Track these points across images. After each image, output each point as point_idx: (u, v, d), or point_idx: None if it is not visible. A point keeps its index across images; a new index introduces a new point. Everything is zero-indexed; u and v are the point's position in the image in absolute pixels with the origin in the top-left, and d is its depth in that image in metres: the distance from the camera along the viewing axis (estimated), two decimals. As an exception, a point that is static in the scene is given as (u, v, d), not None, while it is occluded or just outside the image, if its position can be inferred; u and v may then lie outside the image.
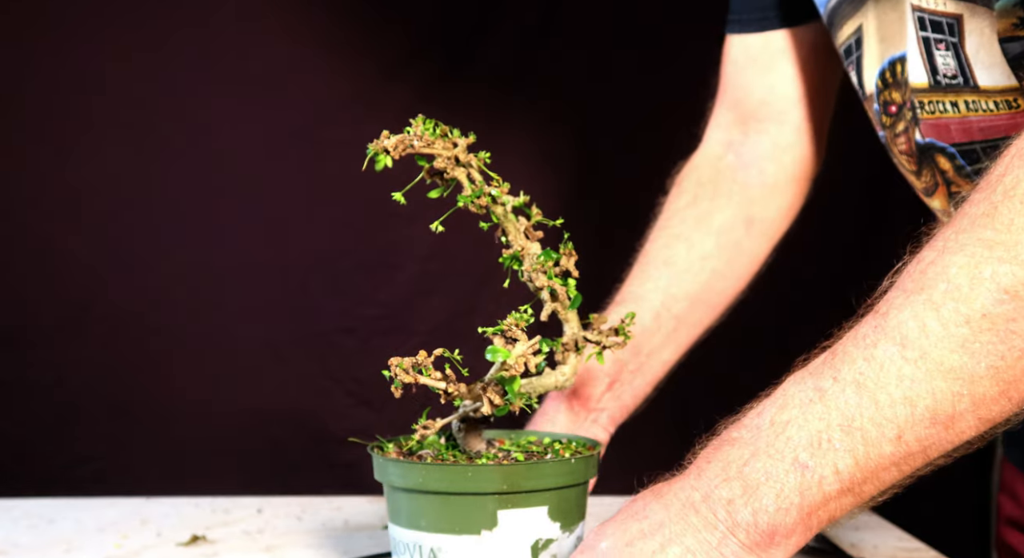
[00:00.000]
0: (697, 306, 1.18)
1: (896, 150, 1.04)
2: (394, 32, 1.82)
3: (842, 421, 0.73)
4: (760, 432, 0.76)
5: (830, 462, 0.73)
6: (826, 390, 0.74)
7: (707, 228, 1.18)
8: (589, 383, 1.13)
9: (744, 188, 1.20)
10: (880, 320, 0.74)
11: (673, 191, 1.22)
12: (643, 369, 1.15)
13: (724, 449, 0.77)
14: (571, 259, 0.92)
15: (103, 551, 1.17)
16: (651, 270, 1.17)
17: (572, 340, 0.92)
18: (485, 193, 0.89)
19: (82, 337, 1.81)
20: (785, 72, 1.18)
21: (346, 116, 1.80)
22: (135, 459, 1.83)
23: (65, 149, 1.79)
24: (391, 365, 0.86)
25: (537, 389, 0.91)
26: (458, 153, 0.89)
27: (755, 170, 1.21)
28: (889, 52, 0.99)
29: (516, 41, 1.85)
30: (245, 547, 1.18)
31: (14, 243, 1.80)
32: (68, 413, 1.82)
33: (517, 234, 0.91)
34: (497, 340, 0.86)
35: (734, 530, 0.75)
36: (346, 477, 1.80)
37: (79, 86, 1.78)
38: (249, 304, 1.85)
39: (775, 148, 1.20)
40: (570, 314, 0.92)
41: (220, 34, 1.80)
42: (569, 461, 0.88)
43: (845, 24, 1.03)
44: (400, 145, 0.87)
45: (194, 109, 1.81)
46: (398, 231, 1.84)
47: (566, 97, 1.87)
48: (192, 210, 1.83)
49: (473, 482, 0.85)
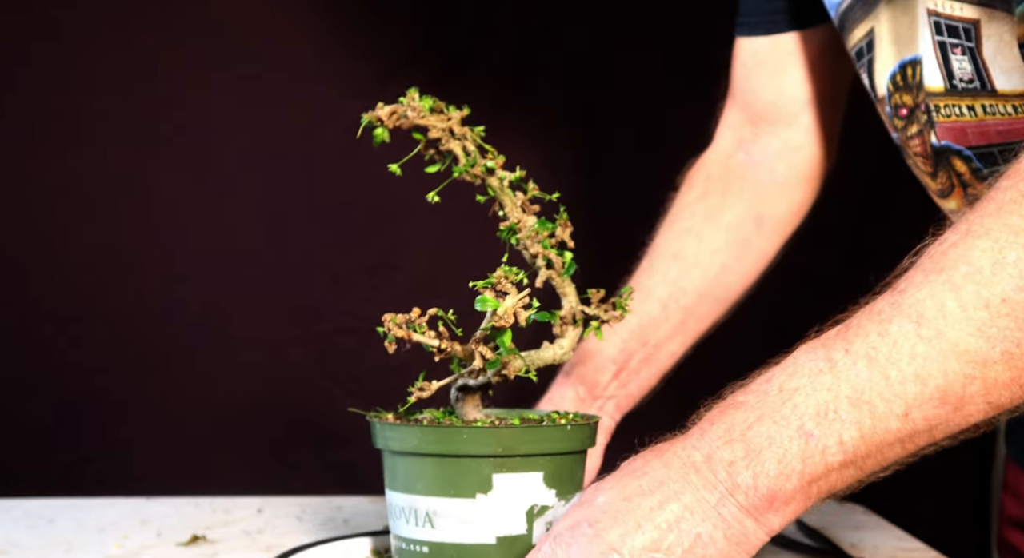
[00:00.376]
0: (705, 300, 1.18)
1: (910, 152, 1.03)
2: (393, 33, 1.82)
3: (851, 393, 0.73)
4: (767, 397, 0.76)
5: (835, 433, 0.74)
6: (837, 361, 0.74)
7: (717, 223, 1.19)
8: (596, 370, 1.13)
9: (755, 186, 1.21)
10: (898, 297, 0.74)
11: (683, 186, 1.22)
12: (650, 360, 1.16)
13: (729, 412, 0.77)
14: (566, 230, 0.92)
15: (103, 551, 1.17)
16: (660, 263, 1.18)
17: (570, 313, 0.92)
18: (480, 163, 0.90)
19: (82, 337, 1.81)
20: (794, 75, 1.18)
21: (346, 116, 1.79)
22: (135, 459, 1.83)
23: (65, 149, 1.79)
24: (384, 320, 0.87)
25: (535, 362, 0.91)
26: (452, 125, 0.89)
27: (766, 169, 1.21)
28: (901, 55, 0.99)
29: (516, 41, 1.85)
30: (245, 547, 1.18)
31: (14, 243, 1.80)
32: (68, 413, 1.82)
33: (513, 207, 0.91)
34: (487, 293, 0.86)
35: (733, 491, 0.75)
36: (346, 477, 1.80)
37: (79, 86, 1.78)
38: (249, 304, 1.85)
39: (786, 148, 1.21)
40: (568, 287, 0.92)
41: (220, 34, 1.80)
42: (564, 427, 0.88)
43: (857, 27, 1.03)
44: (394, 115, 0.87)
45: (194, 109, 1.81)
46: (398, 231, 1.84)
47: (567, 98, 1.87)
48: (192, 210, 1.83)
49: (468, 444, 0.85)
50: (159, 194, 1.82)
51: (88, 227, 1.81)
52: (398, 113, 0.88)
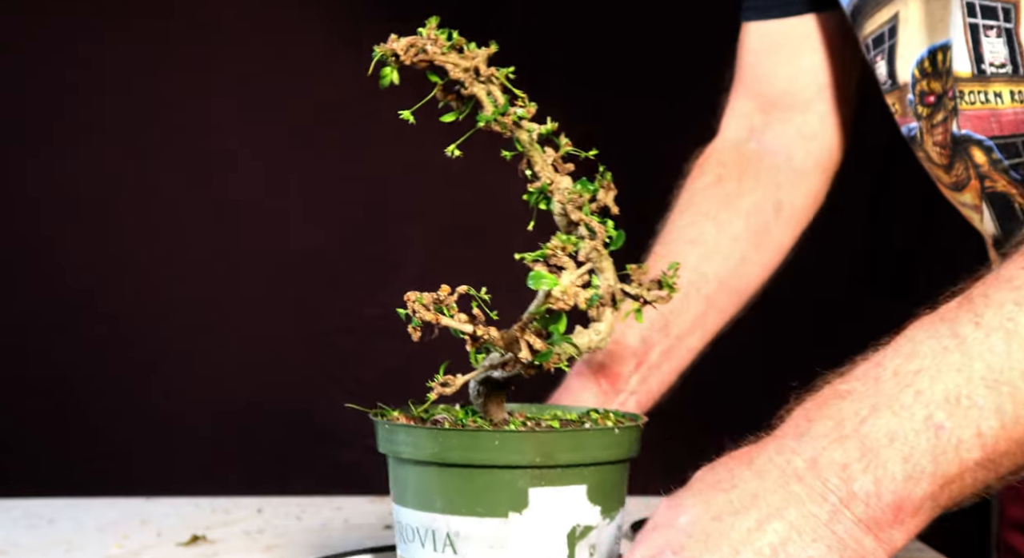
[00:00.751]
0: (725, 290, 1.09)
1: (930, 141, 0.99)
2: (394, 32, 1.82)
3: (987, 374, 0.61)
4: (880, 384, 0.63)
5: (972, 422, 0.61)
6: (966, 337, 0.62)
7: (736, 209, 1.10)
8: (617, 361, 1.02)
9: (771, 172, 1.13)
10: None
11: (693, 173, 1.14)
12: (671, 353, 1.05)
13: (832, 403, 0.64)
14: (609, 193, 0.78)
15: (103, 551, 1.17)
16: (677, 248, 1.07)
17: (608, 293, 0.77)
18: (511, 112, 0.76)
19: (82, 337, 1.81)
20: (810, 59, 1.12)
21: (346, 116, 1.80)
22: (135, 459, 1.83)
23: (65, 149, 1.79)
24: (408, 300, 0.74)
25: (568, 350, 0.77)
26: (478, 64, 0.76)
27: (782, 156, 1.14)
28: (932, 40, 0.95)
29: (517, 42, 1.85)
30: (245, 547, 1.18)
31: (14, 243, 1.80)
32: (68, 413, 1.82)
33: (545, 165, 0.78)
34: (539, 267, 0.71)
35: (849, 502, 0.62)
36: (346, 477, 1.79)
37: (79, 86, 1.78)
38: (249, 304, 1.85)
39: (800, 137, 1.15)
40: (605, 262, 0.77)
41: (220, 34, 1.80)
42: (612, 431, 0.75)
43: (878, 12, 0.98)
44: (412, 48, 0.76)
45: (194, 109, 1.81)
46: (398, 231, 1.84)
47: (567, 99, 1.87)
48: (192, 210, 1.83)
49: (501, 452, 0.71)
50: (159, 194, 1.82)
51: (88, 227, 1.81)
52: (417, 46, 0.76)
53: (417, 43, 0.76)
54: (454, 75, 0.75)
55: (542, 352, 0.73)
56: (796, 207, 1.14)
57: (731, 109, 1.18)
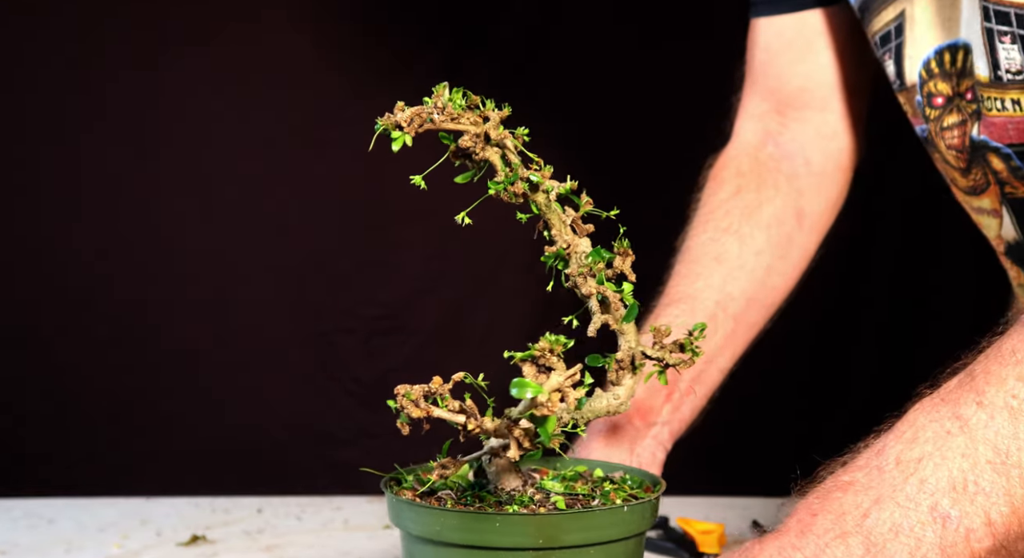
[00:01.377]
0: (753, 305, 1.06)
1: (942, 145, 0.95)
2: (395, 32, 1.82)
3: (993, 457, 0.59)
4: (883, 474, 0.61)
5: (980, 510, 0.58)
6: (968, 419, 0.60)
7: (757, 221, 1.07)
8: (649, 393, 0.99)
9: (790, 178, 1.10)
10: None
11: (710, 185, 1.10)
12: (702, 378, 1.02)
13: (835, 497, 0.62)
14: (627, 260, 0.75)
15: (103, 551, 1.17)
16: (700, 267, 1.04)
17: (628, 356, 0.76)
18: (522, 178, 0.73)
19: (82, 337, 1.81)
20: (824, 55, 1.08)
21: (346, 116, 1.79)
22: (135, 459, 1.83)
23: (65, 149, 1.79)
24: (397, 395, 0.70)
25: (586, 415, 0.76)
26: (488, 128, 0.73)
27: (800, 159, 1.11)
28: (939, 39, 0.92)
29: (517, 42, 1.85)
30: (245, 547, 1.18)
31: (15, 243, 1.80)
32: (68, 413, 1.82)
33: (563, 227, 0.75)
34: (527, 368, 0.67)
35: None
36: (346, 477, 1.79)
37: (79, 86, 1.78)
38: (249, 304, 1.84)
39: (819, 137, 1.11)
40: (626, 326, 0.76)
41: (220, 34, 1.80)
42: (621, 510, 0.71)
43: (884, 9, 0.96)
44: (416, 119, 0.72)
45: (194, 109, 1.81)
46: (398, 231, 1.84)
47: (567, 99, 1.87)
48: (192, 210, 1.82)
49: (502, 534, 0.69)
50: (159, 194, 1.82)
51: (88, 227, 1.81)
52: (422, 117, 0.72)
53: (422, 114, 0.72)
54: (463, 143, 0.73)
55: (531, 452, 0.71)
56: (817, 212, 1.11)
57: (744, 110, 1.14)
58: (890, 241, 1.90)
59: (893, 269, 1.91)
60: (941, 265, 1.89)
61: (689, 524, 1.17)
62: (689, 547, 1.14)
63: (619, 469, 0.83)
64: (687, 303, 1.01)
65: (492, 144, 0.73)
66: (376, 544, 1.18)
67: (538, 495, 0.75)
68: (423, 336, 1.84)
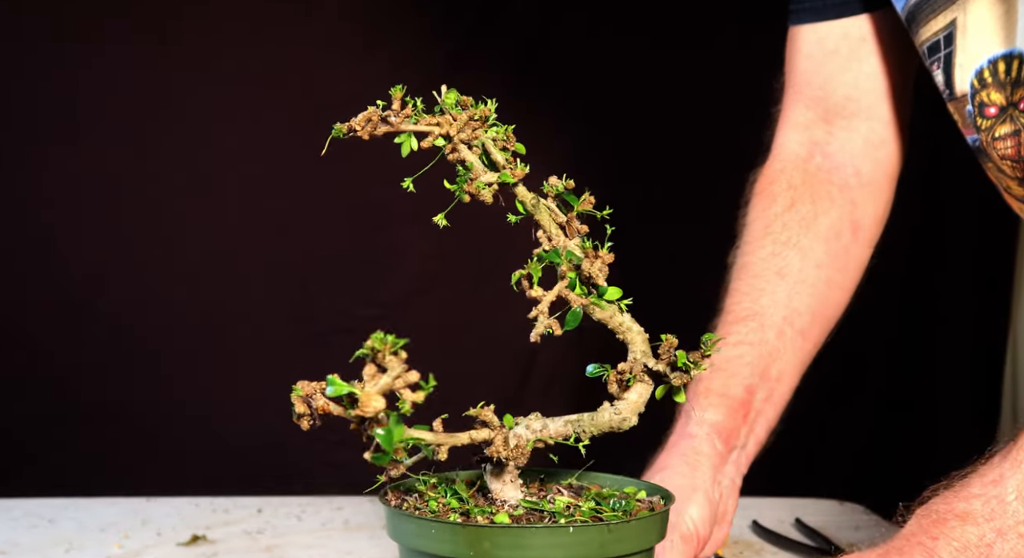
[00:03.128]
0: (817, 320, 1.04)
1: (995, 155, 0.94)
2: (395, 31, 1.82)
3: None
4: (1004, 505, 0.61)
5: None
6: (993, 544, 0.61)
7: (815, 233, 1.05)
8: (729, 413, 0.96)
9: (844, 190, 1.08)
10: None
11: (760, 199, 1.08)
12: (774, 397, 1.00)
13: (953, 525, 0.62)
14: (596, 263, 0.72)
15: (103, 551, 1.17)
16: (763, 282, 1.02)
17: (629, 368, 0.72)
18: (475, 178, 0.71)
19: (82, 337, 1.81)
20: (870, 63, 1.06)
21: (346, 116, 1.79)
22: (135, 459, 1.83)
23: (65, 149, 1.79)
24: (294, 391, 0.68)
25: (588, 429, 0.72)
26: (451, 129, 0.70)
27: (851, 170, 1.09)
28: (993, 49, 0.90)
29: (517, 42, 1.85)
30: (245, 547, 1.18)
31: (14, 243, 1.80)
32: (68, 413, 1.82)
33: (551, 228, 0.73)
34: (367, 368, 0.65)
35: None
36: (346, 477, 1.79)
37: (80, 86, 1.78)
38: (249, 304, 1.85)
39: (868, 146, 1.08)
40: (635, 335, 0.72)
41: (220, 34, 1.80)
42: (566, 530, 0.66)
43: (934, 19, 0.94)
44: (368, 123, 0.70)
45: (194, 109, 1.81)
46: (398, 231, 1.84)
47: (566, 100, 1.87)
48: (192, 210, 1.83)
49: (438, 542, 0.68)
50: (159, 194, 1.82)
51: (88, 227, 1.81)
52: (373, 121, 0.70)
53: (373, 117, 0.70)
54: (423, 145, 0.71)
55: (379, 456, 0.67)
56: (870, 222, 1.09)
57: (787, 120, 1.11)
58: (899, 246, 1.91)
59: (904, 274, 1.91)
60: (946, 268, 1.89)
61: (689, 524, 1.17)
62: (689, 547, 1.14)
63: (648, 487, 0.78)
64: (755, 321, 0.99)
65: (464, 144, 0.71)
66: (376, 544, 1.18)
67: (510, 507, 0.72)
68: (421, 336, 1.84)
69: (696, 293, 1.07)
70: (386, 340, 0.63)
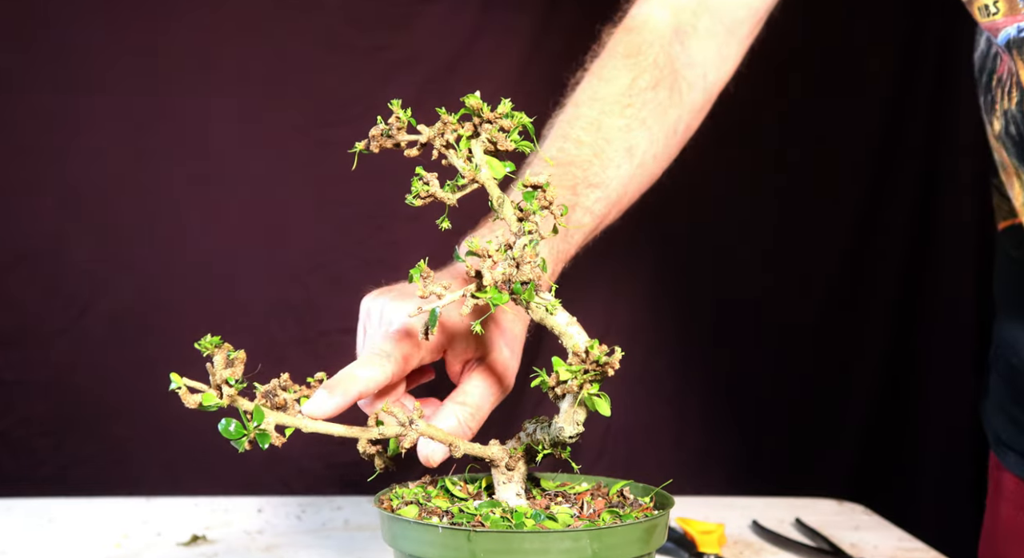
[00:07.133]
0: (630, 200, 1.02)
1: None
2: (395, 32, 1.82)
3: None
4: None
5: None
6: None
7: (663, 123, 1.02)
8: None
9: (690, 88, 1.06)
10: None
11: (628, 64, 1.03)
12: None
13: None
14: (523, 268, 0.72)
15: (103, 551, 1.17)
16: (614, 152, 0.98)
17: (556, 378, 0.69)
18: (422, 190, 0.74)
19: (82, 337, 1.81)
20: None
21: (346, 116, 1.80)
22: (135, 459, 1.83)
23: (65, 149, 1.79)
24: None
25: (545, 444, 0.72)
26: (432, 137, 0.72)
27: (699, 73, 1.06)
28: None
29: (517, 42, 1.85)
30: (245, 547, 1.18)
31: (14, 244, 1.80)
32: (68, 413, 1.82)
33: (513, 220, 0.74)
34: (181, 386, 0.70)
35: None
36: (346, 477, 1.80)
37: (79, 86, 1.78)
38: (249, 304, 1.84)
39: (718, 57, 1.07)
40: (568, 338, 0.70)
41: (220, 34, 1.80)
42: (556, 535, 0.65)
43: None
44: (375, 140, 0.73)
45: (194, 109, 1.81)
46: (398, 231, 1.84)
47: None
48: (192, 210, 1.82)
49: (429, 546, 0.68)
50: (159, 194, 1.82)
51: (88, 227, 1.81)
52: (379, 137, 0.74)
53: (378, 133, 0.73)
54: (408, 154, 0.73)
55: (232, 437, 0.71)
56: (688, 132, 1.07)
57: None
58: (892, 247, 1.91)
59: (904, 274, 1.91)
60: (946, 268, 1.89)
61: (689, 524, 1.17)
62: (689, 547, 1.14)
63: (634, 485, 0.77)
64: (602, 190, 0.96)
65: (447, 148, 0.72)
66: (376, 544, 1.18)
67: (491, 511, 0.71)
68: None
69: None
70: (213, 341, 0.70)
